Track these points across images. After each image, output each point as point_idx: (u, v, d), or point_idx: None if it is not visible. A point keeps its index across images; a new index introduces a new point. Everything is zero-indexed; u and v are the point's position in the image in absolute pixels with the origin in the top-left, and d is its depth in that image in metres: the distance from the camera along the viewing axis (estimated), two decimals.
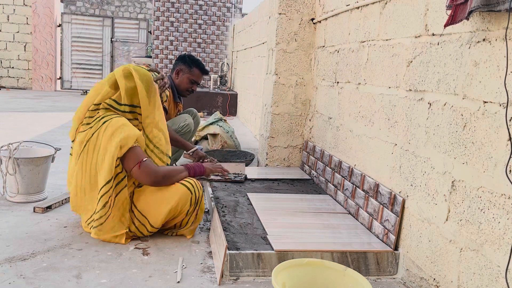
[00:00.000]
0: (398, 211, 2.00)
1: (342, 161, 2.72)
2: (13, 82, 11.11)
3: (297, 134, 3.57)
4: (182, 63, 3.38)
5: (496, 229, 1.42)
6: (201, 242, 2.26)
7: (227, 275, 1.88)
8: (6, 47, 10.98)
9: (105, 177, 2.10)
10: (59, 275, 1.83)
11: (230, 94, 7.74)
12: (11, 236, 2.19)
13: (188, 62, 3.36)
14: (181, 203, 2.17)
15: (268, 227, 2.22)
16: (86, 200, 2.22)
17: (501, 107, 1.42)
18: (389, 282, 1.96)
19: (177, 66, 3.39)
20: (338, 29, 2.93)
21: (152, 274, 1.88)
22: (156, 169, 2.17)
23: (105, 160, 2.11)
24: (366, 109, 2.44)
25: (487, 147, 1.48)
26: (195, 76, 3.38)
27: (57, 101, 8.70)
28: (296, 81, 3.47)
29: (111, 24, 11.32)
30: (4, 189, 2.75)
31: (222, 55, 9.27)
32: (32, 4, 10.79)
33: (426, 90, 1.86)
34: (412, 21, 1.99)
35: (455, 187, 1.64)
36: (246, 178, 3.13)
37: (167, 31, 9.21)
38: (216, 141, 4.33)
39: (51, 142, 4.31)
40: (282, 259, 1.89)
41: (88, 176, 2.19)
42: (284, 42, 3.41)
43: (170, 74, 3.43)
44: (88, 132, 2.22)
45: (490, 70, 1.48)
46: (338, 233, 2.22)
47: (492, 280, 1.43)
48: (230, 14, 9.21)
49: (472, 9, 1.42)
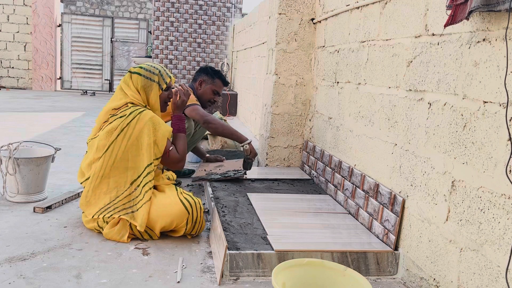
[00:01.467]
0: (398, 211, 2.00)
1: (342, 161, 2.72)
2: (13, 82, 11.11)
3: (297, 134, 3.57)
4: (204, 74, 3.44)
5: (496, 229, 1.42)
6: (201, 242, 2.26)
7: (227, 275, 1.88)
8: (6, 47, 10.97)
9: (148, 159, 2.26)
10: (59, 275, 1.83)
11: (230, 94, 7.74)
12: (11, 236, 2.19)
13: (211, 73, 3.43)
14: (176, 221, 2.22)
15: (268, 227, 2.22)
16: (101, 188, 2.26)
17: (501, 107, 1.42)
18: (389, 282, 1.96)
19: (200, 77, 3.44)
20: (338, 29, 2.93)
21: (152, 274, 1.88)
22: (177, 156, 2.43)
23: (143, 148, 2.26)
24: (366, 109, 2.44)
25: (487, 147, 1.48)
26: (217, 87, 3.43)
27: (57, 101, 8.70)
28: (296, 81, 3.47)
29: (111, 24, 11.32)
30: (4, 189, 2.75)
31: (222, 55, 9.27)
32: (32, 4, 10.79)
33: (426, 90, 1.86)
34: (412, 21, 1.99)
35: (455, 187, 1.64)
36: (246, 173, 3.13)
37: (167, 31, 9.20)
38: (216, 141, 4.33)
39: (51, 142, 4.32)
40: (282, 259, 1.89)
41: (113, 160, 2.26)
42: (284, 42, 3.41)
43: (191, 84, 3.48)
44: (117, 121, 2.29)
45: (490, 70, 1.48)
46: (338, 233, 2.22)
47: (492, 280, 1.43)
48: (230, 14, 9.20)
49: (472, 9, 1.42)
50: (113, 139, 2.27)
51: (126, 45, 11.42)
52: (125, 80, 2.41)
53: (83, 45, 11.31)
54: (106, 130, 2.29)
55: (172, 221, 2.20)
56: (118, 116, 2.30)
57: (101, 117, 2.39)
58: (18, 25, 10.97)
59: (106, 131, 2.29)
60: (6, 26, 10.93)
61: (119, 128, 2.27)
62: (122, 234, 2.20)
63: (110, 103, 2.40)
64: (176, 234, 2.27)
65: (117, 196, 2.25)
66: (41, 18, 10.84)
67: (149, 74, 2.40)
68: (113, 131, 2.28)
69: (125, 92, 2.38)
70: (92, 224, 2.28)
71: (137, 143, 2.28)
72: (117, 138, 2.27)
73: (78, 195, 2.86)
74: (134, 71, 2.41)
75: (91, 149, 2.35)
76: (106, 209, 2.24)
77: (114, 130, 2.28)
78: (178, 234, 2.27)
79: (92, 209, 2.28)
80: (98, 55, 11.41)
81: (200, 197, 3.03)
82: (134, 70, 2.42)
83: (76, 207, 2.68)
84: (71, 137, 5.01)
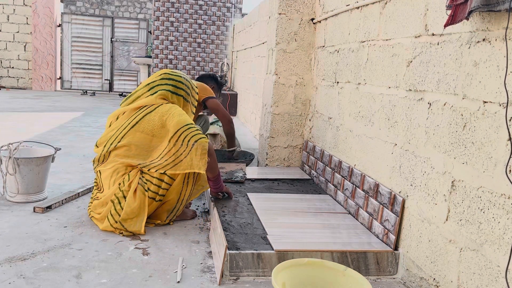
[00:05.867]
0: (398, 211, 2.00)
1: (342, 161, 2.72)
2: (13, 82, 11.11)
3: (297, 134, 3.57)
4: (215, 82, 3.55)
5: (496, 229, 1.42)
6: (201, 242, 2.26)
7: (227, 275, 1.88)
8: (6, 47, 10.97)
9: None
10: (59, 275, 1.83)
11: (230, 94, 7.74)
12: (11, 236, 2.19)
13: (219, 84, 3.57)
14: None
15: (268, 227, 2.22)
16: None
17: (501, 107, 1.42)
18: (389, 282, 1.96)
19: (211, 82, 3.51)
20: (338, 29, 2.93)
21: (152, 274, 1.88)
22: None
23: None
24: (366, 109, 2.44)
25: (487, 147, 1.48)
26: (215, 91, 3.53)
27: (57, 101, 8.70)
28: (296, 81, 3.47)
29: (111, 24, 11.31)
30: (4, 189, 2.75)
31: (222, 55, 9.27)
32: (32, 4, 10.79)
33: (426, 90, 1.86)
34: (412, 21, 1.99)
35: (455, 187, 1.64)
36: (245, 177, 3.13)
37: (167, 31, 9.20)
38: (216, 141, 4.33)
39: (51, 142, 4.32)
40: (282, 259, 1.89)
41: (133, 132, 2.41)
42: (284, 42, 3.41)
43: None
44: (146, 100, 2.47)
45: (490, 70, 1.48)
46: (338, 233, 2.22)
47: (492, 280, 1.43)
48: (230, 14, 9.20)
49: (472, 9, 1.42)
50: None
51: (126, 45, 11.41)
52: (165, 95, 2.52)
53: (83, 45, 11.31)
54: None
55: None
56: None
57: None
58: (18, 25, 10.96)
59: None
60: (6, 26, 10.93)
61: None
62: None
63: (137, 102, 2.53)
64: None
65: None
66: (41, 18, 10.84)
67: (186, 95, 2.61)
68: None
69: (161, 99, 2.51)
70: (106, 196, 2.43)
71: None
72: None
73: (78, 195, 2.87)
74: (176, 92, 2.56)
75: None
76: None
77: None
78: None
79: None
80: (98, 55, 11.40)
81: (200, 197, 3.03)
82: (178, 92, 2.56)
83: (76, 207, 2.68)
84: (71, 137, 5.01)
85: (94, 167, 2.52)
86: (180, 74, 2.61)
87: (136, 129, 2.40)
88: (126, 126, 2.44)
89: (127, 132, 2.41)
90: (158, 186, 2.36)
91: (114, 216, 2.29)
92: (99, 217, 2.37)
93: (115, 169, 2.40)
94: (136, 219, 2.31)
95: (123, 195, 2.33)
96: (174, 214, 2.48)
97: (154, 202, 2.38)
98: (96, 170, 2.50)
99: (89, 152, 4.24)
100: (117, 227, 2.28)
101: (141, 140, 2.39)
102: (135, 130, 2.40)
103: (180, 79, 2.58)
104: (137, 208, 2.31)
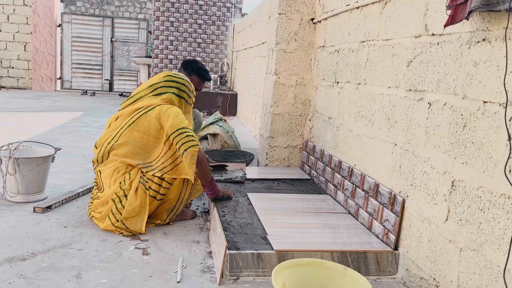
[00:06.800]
0: (398, 211, 2.00)
1: (342, 161, 2.72)
2: (13, 82, 11.11)
3: (297, 134, 3.57)
4: (183, 69, 3.34)
5: (496, 229, 1.42)
6: (201, 242, 2.26)
7: (227, 275, 1.88)
8: (6, 47, 10.97)
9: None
10: (59, 275, 1.83)
11: (230, 94, 7.74)
12: (11, 236, 2.19)
13: (189, 69, 3.30)
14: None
15: (268, 227, 2.22)
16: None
17: (501, 107, 1.42)
18: (389, 282, 1.96)
19: (180, 71, 3.35)
20: (338, 29, 2.93)
21: (152, 274, 1.88)
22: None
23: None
24: (366, 109, 2.44)
25: (487, 147, 1.48)
26: (194, 83, 3.32)
27: (57, 101, 8.70)
28: (296, 81, 3.47)
29: (111, 24, 11.31)
30: (4, 189, 2.75)
31: (222, 55, 9.27)
32: (32, 4, 10.79)
33: (426, 90, 1.86)
34: (412, 21, 1.99)
35: (455, 187, 1.64)
36: (245, 177, 3.13)
37: (167, 31, 9.20)
38: (216, 141, 4.33)
39: (51, 142, 4.32)
40: (282, 259, 1.89)
41: (130, 131, 2.43)
42: (284, 42, 3.41)
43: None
44: (144, 101, 2.49)
45: (490, 70, 1.48)
46: (338, 233, 2.22)
47: (492, 280, 1.43)
48: (230, 14, 9.20)
49: (472, 9, 1.42)
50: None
51: (126, 45, 11.41)
52: (170, 98, 2.53)
53: (83, 45, 11.31)
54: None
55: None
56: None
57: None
58: (18, 25, 10.96)
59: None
60: (6, 26, 10.93)
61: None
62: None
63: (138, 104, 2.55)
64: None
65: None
66: (41, 18, 10.84)
67: (188, 98, 2.63)
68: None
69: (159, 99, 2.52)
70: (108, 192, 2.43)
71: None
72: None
73: (78, 195, 2.87)
74: (180, 95, 2.58)
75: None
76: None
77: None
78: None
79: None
80: (98, 55, 11.40)
81: (200, 197, 3.03)
82: (181, 94, 2.58)
83: (76, 207, 2.68)
84: (71, 137, 5.01)
85: (94, 167, 2.52)
86: (182, 77, 2.62)
87: (133, 128, 2.41)
88: (123, 125, 2.45)
89: (124, 131, 2.42)
90: (159, 185, 2.36)
91: (115, 215, 2.30)
92: (100, 216, 2.37)
93: (116, 168, 2.40)
94: (137, 217, 2.31)
95: (124, 193, 2.33)
96: (174, 213, 2.48)
97: (155, 201, 2.38)
98: (96, 170, 2.51)
99: (89, 152, 4.24)
100: (119, 226, 2.28)
101: (138, 139, 2.40)
102: (132, 129, 2.41)
103: (183, 82, 2.59)
104: (138, 207, 2.31)
